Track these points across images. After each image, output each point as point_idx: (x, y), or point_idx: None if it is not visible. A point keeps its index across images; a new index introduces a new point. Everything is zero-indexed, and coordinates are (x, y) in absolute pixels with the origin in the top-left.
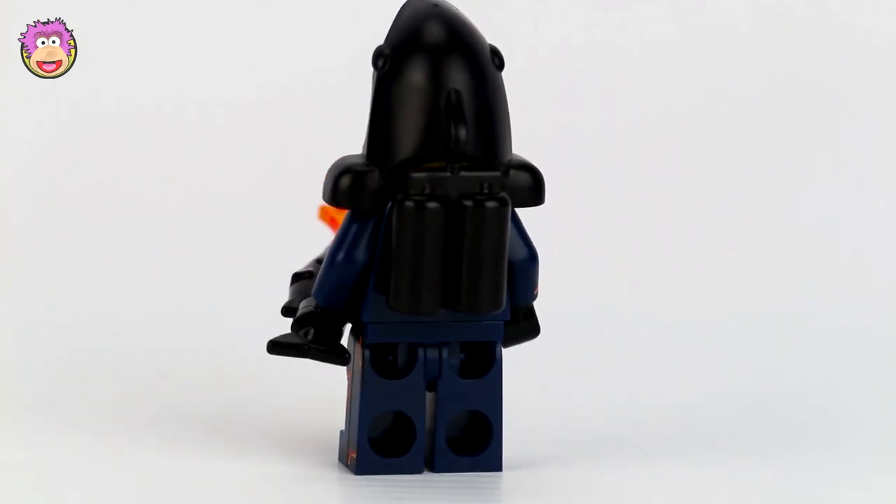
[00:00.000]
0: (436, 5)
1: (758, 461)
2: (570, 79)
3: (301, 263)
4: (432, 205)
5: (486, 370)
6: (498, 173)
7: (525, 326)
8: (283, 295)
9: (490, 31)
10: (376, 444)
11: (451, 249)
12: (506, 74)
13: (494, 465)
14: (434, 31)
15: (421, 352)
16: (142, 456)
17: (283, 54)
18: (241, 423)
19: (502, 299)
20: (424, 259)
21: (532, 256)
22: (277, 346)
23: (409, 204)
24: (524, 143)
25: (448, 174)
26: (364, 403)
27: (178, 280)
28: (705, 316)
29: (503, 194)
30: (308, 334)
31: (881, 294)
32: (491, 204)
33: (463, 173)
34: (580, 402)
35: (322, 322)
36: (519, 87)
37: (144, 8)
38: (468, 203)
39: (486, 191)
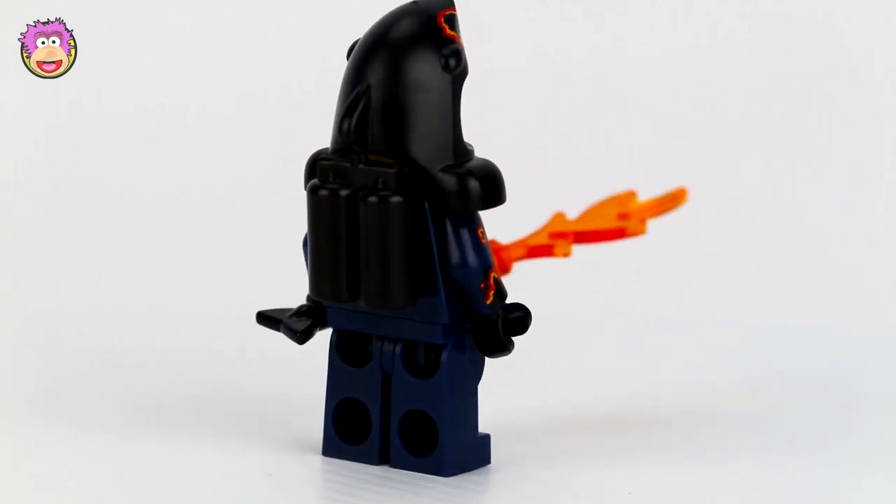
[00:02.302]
0: (415, 2)
1: (747, 462)
2: (576, 84)
3: (299, 261)
4: (335, 193)
5: (433, 372)
6: (393, 170)
7: (490, 339)
8: (281, 293)
9: (492, 37)
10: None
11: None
12: (518, 79)
13: (439, 469)
14: (385, 28)
15: (378, 343)
16: (140, 451)
17: (284, 53)
18: (238, 419)
19: (399, 297)
20: (325, 246)
21: (468, 264)
22: (260, 318)
23: (319, 192)
24: (529, 146)
25: (349, 165)
26: (329, 387)
27: (178, 279)
28: (696, 317)
29: (395, 193)
30: (298, 311)
31: (881, 294)
32: (372, 199)
33: (362, 167)
34: (564, 402)
35: (315, 302)
36: (526, 91)
37: (144, 8)
38: (372, 198)
39: (383, 186)
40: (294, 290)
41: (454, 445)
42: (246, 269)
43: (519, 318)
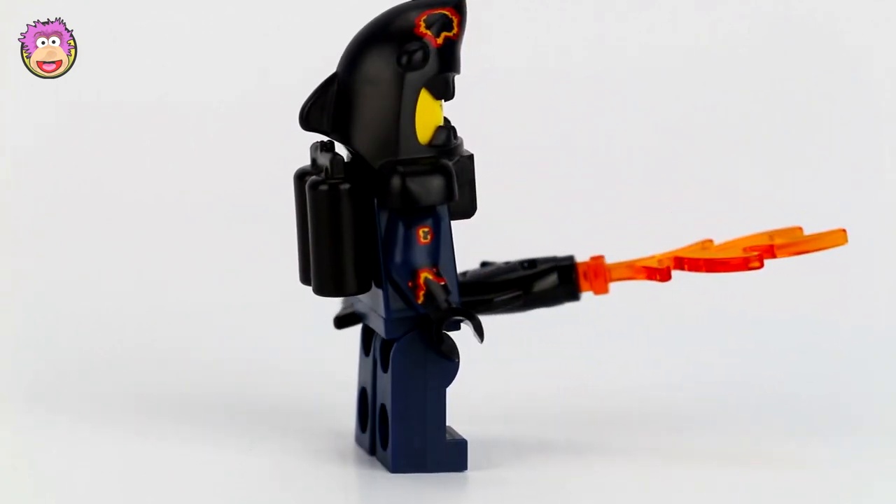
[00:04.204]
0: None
1: (741, 461)
2: (577, 84)
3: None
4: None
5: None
6: (333, 157)
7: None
8: (283, 288)
9: (494, 34)
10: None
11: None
12: (519, 79)
13: (389, 464)
14: (372, 21)
15: (375, 334)
16: (139, 450)
17: (285, 52)
18: (239, 418)
19: (322, 285)
20: (299, 232)
21: (396, 261)
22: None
23: (300, 179)
24: (529, 145)
25: (318, 152)
26: (358, 373)
27: (178, 279)
28: (694, 316)
29: (340, 182)
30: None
31: (881, 293)
32: (310, 185)
33: (321, 154)
34: (557, 403)
35: None
36: (527, 90)
37: (144, 8)
38: (322, 186)
39: (326, 174)
40: (297, 288)
41: (401, 442)
42: (246, 269)
43: (474, 326)
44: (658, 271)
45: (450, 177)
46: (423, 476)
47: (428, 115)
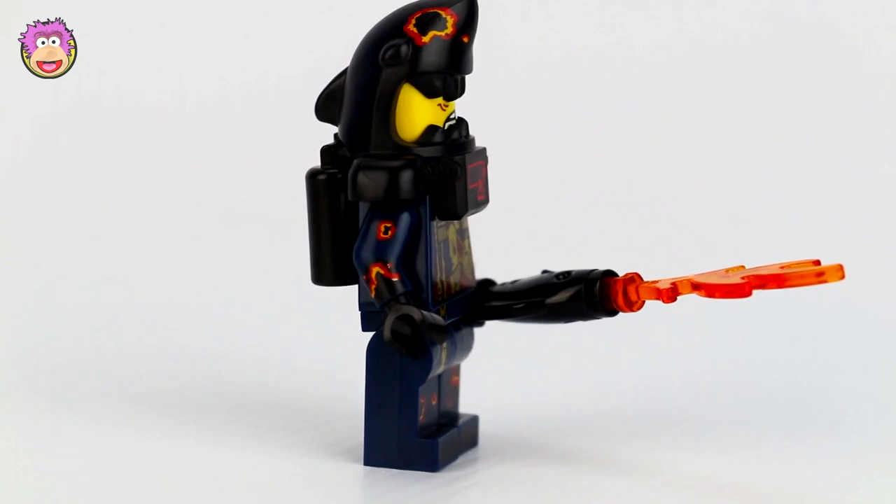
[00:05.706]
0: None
1: (738, 460)
2: (583, 78)
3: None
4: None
5: None
6: (324, 148)
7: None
8: (284, 287)
9: (497, 28)
10: None
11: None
12: (517, 70)
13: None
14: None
15: None
16: (146, 447)
17: (286, 55)
18: (245, 418)
19: (319, 274)
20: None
21: (354, 253)
22: None
23: None
24: (534, 136)
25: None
26: None
27: (180, 275)
28: (694, 314)
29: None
30: None
31: (882, 293)
32: (308, 174)
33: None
34: (545, 404)
35: None
36: (532, 87)
37: (144, 8)
38: (320, 176)
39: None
40: (298, 287)
41: (371, 436)
42: (246, 268)
43: (423, 327)
44: (661, 291)
45: (413, 175)
46: (417, 475)
47: (413, 112)
